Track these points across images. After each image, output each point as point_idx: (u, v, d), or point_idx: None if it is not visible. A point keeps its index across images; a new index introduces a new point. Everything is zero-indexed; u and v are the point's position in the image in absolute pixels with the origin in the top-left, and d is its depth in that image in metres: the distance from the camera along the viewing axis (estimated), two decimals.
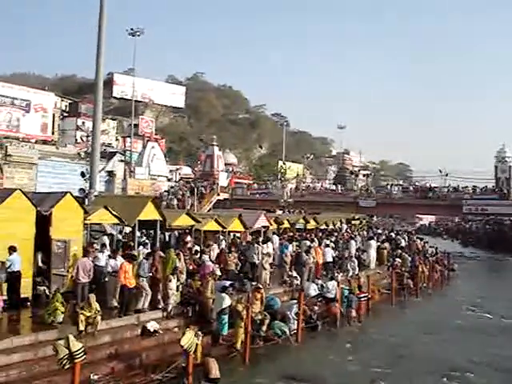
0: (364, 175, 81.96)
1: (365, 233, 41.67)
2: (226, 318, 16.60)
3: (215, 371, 13.90)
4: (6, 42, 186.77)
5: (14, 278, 15.36)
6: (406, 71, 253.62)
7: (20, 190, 17.10)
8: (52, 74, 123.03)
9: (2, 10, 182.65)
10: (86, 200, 24.22)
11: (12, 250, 15.33)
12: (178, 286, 17.28)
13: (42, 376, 12.16)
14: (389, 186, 62.42)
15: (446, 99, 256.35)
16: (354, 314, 22.18)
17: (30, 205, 16.45)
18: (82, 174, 30.98)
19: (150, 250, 19.57)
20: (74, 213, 17.82)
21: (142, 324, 15.68)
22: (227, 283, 18.19)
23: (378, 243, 34.35)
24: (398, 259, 32.00)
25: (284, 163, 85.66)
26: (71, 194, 18.16)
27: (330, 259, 26.77)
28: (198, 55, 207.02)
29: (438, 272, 36.49)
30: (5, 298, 14.83)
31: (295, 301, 19.64)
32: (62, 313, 14.33)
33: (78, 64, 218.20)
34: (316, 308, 21.08)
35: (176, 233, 26.23)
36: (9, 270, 15.28)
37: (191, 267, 20.14)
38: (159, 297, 17.14)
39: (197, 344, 14.01)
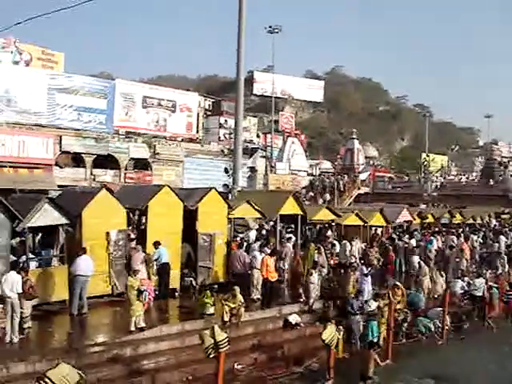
0: None
1: None
2: (375, 325, 15.89)
3: (370, 369, 13.86)
4: (154, 47, 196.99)
5: (162, 270, 16.17)
6: None
7: (168, 186, 17.95)
8: (195, 74, 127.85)
9: (147, 16, 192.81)
10: (230, 195, 24.88)
11: (157, 244, 16.13)
12: (319, 280, 17.28)
13: (188, 364, 12.67)
14: None
15: None
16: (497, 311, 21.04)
17: (177, 200, 17.21)
18: (226, 170, 32.01)
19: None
20: (219, 207, 18.40)
21: (284, 317, 15.85)
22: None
23: None
24: None
25: (427, 155, 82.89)
26: (216, 190, 18.77)
27: None
28: (337, 49, 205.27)
29: None
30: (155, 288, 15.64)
31: (440, 309, 18.87)
32: (212, 305, 14.81)
33: (219, 64, 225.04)
34: (463, 306, 20.23)
35: (317, 227, 26.24)
36: (158, 262, 16.10)
37: (332, 261, 20.06)
38: (301, 290, 17.25)
39: (338, 338, 13.93)
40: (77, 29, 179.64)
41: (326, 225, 24.79)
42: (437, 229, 31.14)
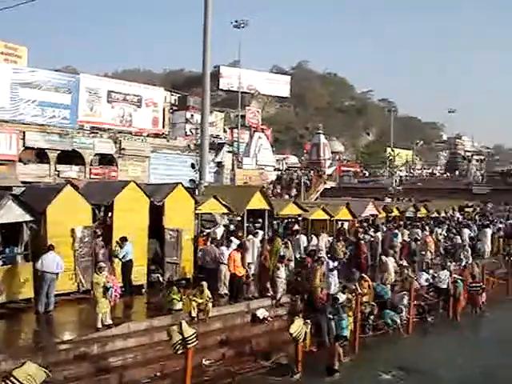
0: (477, 160, 78.66)
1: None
2: (345, 318, 15.56)
3: (336, 362, 14.14)
4: (116, 40, 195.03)
5: (127, 267, 16.04)
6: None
7: (134, 181, 17.81)
8: (160, 69, 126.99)
9: (111, 10, 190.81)
10: (197, 190, 24.81)
11: (124, 240, 15.97)
12: (286, 274, 17.35)
13: (157, 360, 12.62)
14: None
15: None
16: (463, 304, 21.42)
17: (143, 196, 17.09)
18: (192, 166, 31.86)
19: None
20: (186, 203, 18.34)
21: (252, 311, 15.90)
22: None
23: (494, 231, 32.84)
24: None
25: (392, 150, 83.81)
26: (182, 185, 18.68)
27: None
28: (302, 44, 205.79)
29: None
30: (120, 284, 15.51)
31: (406, 292, 19.21)
32: (179, 301, 14.76)
33: (185, 58, 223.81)
34: (429, 298, 20.55)
35: (285, 222, 26.32)
36: (123, 259, 15.96)
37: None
38: (268, 285, 17.32)
39: (306, 332, 14.03)
40: (41, 23, 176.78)
41: (293, 219, 24.90)
42: (402, 222, 31.53)
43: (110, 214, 17.11)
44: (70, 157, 42.21)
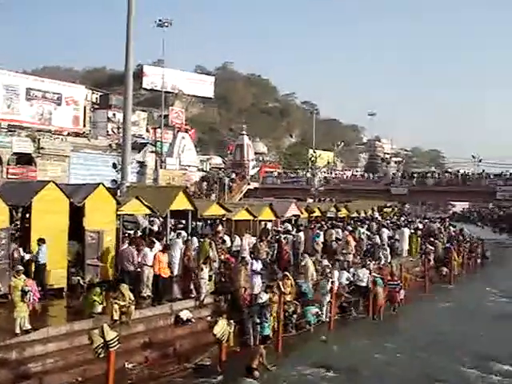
0: (396, 162, 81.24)
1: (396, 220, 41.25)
2: (268, 318, 15.99)
3: (255, 361, 14.16)
4: (36, 37, 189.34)
5: (40, 270, 15.58)
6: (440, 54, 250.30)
7: (53, 182, 17.37)
8: (82, 66, 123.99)
9: (29, 5, 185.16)
10: (119, 191, 24.39)
11: (41, 242, 15.50)
12: (210, 276, 17.36)
13: (78, 365, 12.38)
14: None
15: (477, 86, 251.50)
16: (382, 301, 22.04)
17: (63, 196, 16.67)
18: (114, 166, 31.33)
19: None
20: (107, 204, 18.00)
21: (175, 313, 15.82)
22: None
23: (411, 231, 34.02)
24: (430, 247, 31.72)
25: (314, 151, 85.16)
26: (104, 186, 18.34)
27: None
28: (227, 45, 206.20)
29: (472, 259, 36.14)
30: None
31: (328, 282, 19.56)
32: (100, 303, 14.47)
33: (107, 56, 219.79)
34: (350, 296, 21.04)
35: (208, 222, 26.31)
36: (37, 262, 15.48)
37: (223, 256, 20.21)
38: (192, 286, 17.27)
39: (229, 332, 14.10)
40: None
41: (217, 220, 24.94)
42: (323, 222, 32.14)
43: (28, 216, 16.61)
44: None
